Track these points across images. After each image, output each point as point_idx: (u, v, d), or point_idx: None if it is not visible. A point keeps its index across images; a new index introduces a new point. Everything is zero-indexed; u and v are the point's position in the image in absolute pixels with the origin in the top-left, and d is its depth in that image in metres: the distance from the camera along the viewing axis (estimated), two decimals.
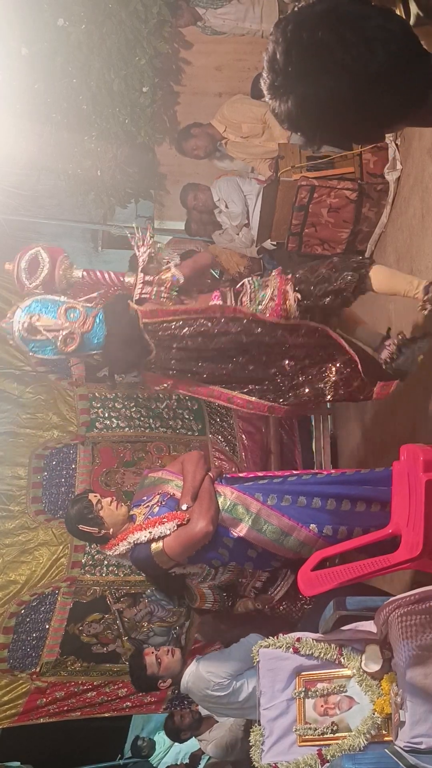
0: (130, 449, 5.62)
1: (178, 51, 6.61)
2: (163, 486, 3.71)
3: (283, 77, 1.29)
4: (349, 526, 3.40)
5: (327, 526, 3.41)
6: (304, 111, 1.29)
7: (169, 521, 3.47)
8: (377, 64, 1.24)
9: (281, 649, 2.95)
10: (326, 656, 2.82)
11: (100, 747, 7.81)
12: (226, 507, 3.52)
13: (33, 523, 5.27)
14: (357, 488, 3.51)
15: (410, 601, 2.52)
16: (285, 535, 3.43)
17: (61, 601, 5.30)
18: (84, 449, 5.52)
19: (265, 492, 3.54)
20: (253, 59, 6.57)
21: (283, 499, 3.50)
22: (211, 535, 3.45)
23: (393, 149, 4.83)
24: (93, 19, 5.97)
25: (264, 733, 2.89)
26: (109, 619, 5.38)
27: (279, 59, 1.28)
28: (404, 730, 2.46)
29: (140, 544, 3.50)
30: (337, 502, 3.46)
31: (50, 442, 5.48)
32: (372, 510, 3.42)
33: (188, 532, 3.43)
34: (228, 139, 6.16)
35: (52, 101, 6.31)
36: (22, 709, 5.33)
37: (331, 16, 1.26)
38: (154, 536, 3.46)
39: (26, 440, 5.42)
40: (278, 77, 1.29)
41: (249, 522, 3.46)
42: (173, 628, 5.41)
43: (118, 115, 6.45)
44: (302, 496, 3.49)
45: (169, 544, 3.45)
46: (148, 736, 7.74)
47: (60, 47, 6.03)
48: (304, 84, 1.27)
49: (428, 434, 4.00)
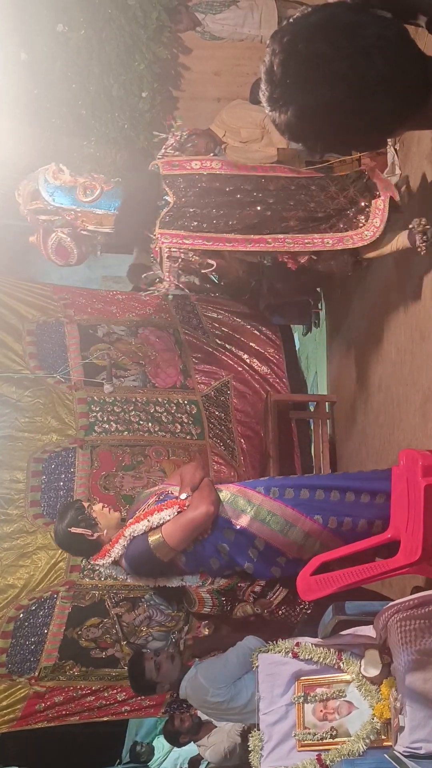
0: (129, 453, 5.61)
1: (177, 56, 6.63)
2: (161, 489, 3.65)
3: (281, 89, 1.29)
4: (354, 517, 3.33)
5: (331, 518, 3.34)
6: (304, 121, 1.30)
7: (168, 508, 3.39)
8: (375, 71, 1.25)
9: (280, 654, 2.95)
10: (325, 661, 2.83)
11: (97, 752, 7.79)
12: (227, 499, 3.44)
13: (31, 527, 5.26)
14: (360, 481, 3.48)
15: (409, 605, 2.52)
16: (290, 525, 3.34)
17: (59, 605, 5.28)
18: (83, 453, 5.51)
19: (266, 486, 3.48)
20: (251, 64, 6.59)
21: (286, 492, 3.42)
22: (212, 517, 3.35)
23: (392, 154, 4.84)
24: (92, 24, 5.99)
25: (263, 738, 2.89)
26: (108, 624, 5.35)
27: (276, 71, 1.29)
28: (403, 735, 2.46)
29: (137, 537, 3.38)
30: (341, 493, 3.39)
31: (49, 446, 5.47)
32: (377, 501, 3.34)
33: (189, 515, 3.33)
34: (227, 144, 6.17)
35: (52, 106, 6.33)
36: (21, 714, 5.31)
37: (327, 26, 1.27)
38: (152, 524, 3.35)
39: (25, 444, 5.41)
40: (276, 89, 1.30)
41: (251, 512, 3.38)
42: (172, 633, 5.40)
43: (117, 120, 6.47)
44: (305, 489, 3.42)
45: (168, 531, 3.33)
46: (147, 742, 7.72)
47: (59, 52, 6.05)
48: (303, 95, 1.28)
49: (427, 439, 4.01)
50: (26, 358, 5.68)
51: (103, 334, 6.03)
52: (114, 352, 5.83)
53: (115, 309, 6.29)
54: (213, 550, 3.45)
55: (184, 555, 3.46)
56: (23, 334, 5.79)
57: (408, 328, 4.38)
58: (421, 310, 4.16)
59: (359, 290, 5.51)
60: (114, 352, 5.83)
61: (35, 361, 5.70)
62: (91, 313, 6.15)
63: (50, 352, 5.80)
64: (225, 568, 3.55)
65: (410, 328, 4.34)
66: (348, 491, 3.40)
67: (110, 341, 5.99)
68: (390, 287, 4.75)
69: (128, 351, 5.89)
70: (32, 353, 5.73)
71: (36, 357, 5.72)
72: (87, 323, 6.05)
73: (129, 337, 6.09)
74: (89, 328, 6.02)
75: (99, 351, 5.84)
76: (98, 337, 6.00)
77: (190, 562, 3.51)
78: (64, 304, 6.12)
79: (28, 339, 5.77)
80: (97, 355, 5.74)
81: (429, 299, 4.06)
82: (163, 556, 3.38)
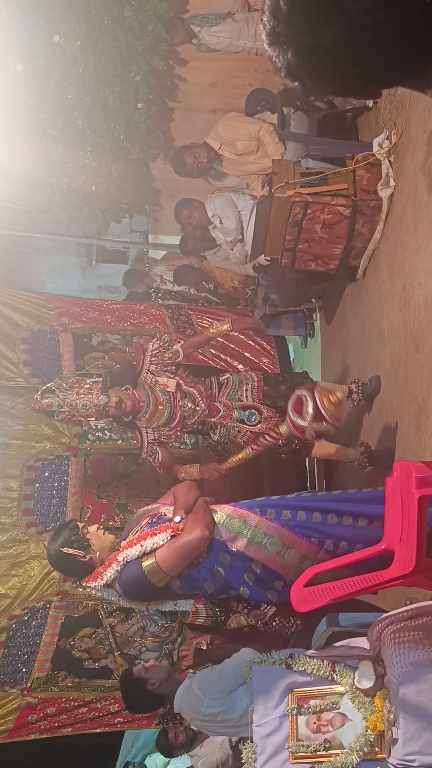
0: (122, 461, 5.59)
1: (172, 68, 6.65)
2: (154, 510, 3.62)
3: (285, 24, 1.22)
4: (351, 542, 3.30)
5: (328, 541, 3.31)
6: (305, 61, 1.23)
7: (162, 532, 3.34)
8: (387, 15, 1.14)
9: (274, 666, 2.94)
10: (319, 673, 2.82)
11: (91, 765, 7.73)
12: (222, 521, 3.41)
13: (24, 536, 5.23)
14: (358, 505, 3.44)
15: (403, 617, 2.52)
16: (286, 547, 3.31)
17: (52, 615, 5.24)
18: (76, 461, 5.49)
19: (262, 507, 3.44)
20: (247, 76, 6.63)
21: (282, 514, 3.39)
22: (207, 541, 3.31)
23: (386, 166, 4.87)
24: (88, 35, 6.01)
25: (256, 750, 2.88)
26: (101, 634, 5.32)
27: (282, 6, 1.21)
28: (397, 747, 2.46)
29: (131, 563, 3.33)
30: (339, 517, 3.36)
31: (42, 454, 5.45)
32: (374, 525, 3.32)
33: (183, 540, 3.29)
34: (223, 157, 6.20)
35: (48, 117, 6.34)
36: (13, 725, 5.27)
37: None
38: (146, 549, 3.31)
39: (18, 452, 5.39)
40: (279, 24, 1.22)
41: (248, 535, 3.35)
42: (165, 644, 5.38)
43: (112, 130, 6.49)
44: (302, 511, 3.39)
45: (162, 556, 3.29)
46: (139, 761, 7.63)
47: (55, 63, 6.07)
48: (307, 34, 1.21)
49: (422, 450, 4.01)
50: (20, 366, 5.68)
51: (97, 343, 6.03)
52: (109, 361, 5.83)
53: (110, 318, 6.30)
54: (208, 574, 3.42)
55: (179, 579, 3.43)
56: (17, 342, 5.79)
57: (402, 340, 4.39)
58: (415, 322, 4.18)
59: (354, 301, 5.53)
60: (109, 361, 5.83)
61: (29, 368, 5.70)
62: (85, 322, 6.16)
63: (44, 360, 5.80)
64: (220, 591, 3.51)
65: (404, 339, 4.35)
66: (346, 515, 3.38)
67: (105, 350, 5.99)
68: (384, 298, 4.77)
69: (123, 360, 5.88)
70: (26, 361, 5.72)
71: (30, 365, 5.72)
72: (81, 332, 6.05)
73: (124, 346, 6.10)
74: (84, 337, 6.03)
75: (94, 360, 5.84)
76: (93, 346, 6.00)
77: (184, 586, 3.48)
78: (58, 312, 6.12)
79: (22, 347, 5.77)
80: (93, 365, 5.74)
81: (423, 311, 4.07)
82: (157, 582, 3.34)
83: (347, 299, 5.70)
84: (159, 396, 4.36)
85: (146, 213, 7.94)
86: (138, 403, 4.36)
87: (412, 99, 4.48)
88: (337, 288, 5.86)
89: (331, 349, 6.26)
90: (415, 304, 4.20)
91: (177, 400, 4.36)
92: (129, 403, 4.32)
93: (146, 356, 4.54)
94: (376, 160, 4.94)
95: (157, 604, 3.60)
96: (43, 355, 5.83)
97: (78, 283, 10.85)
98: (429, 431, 3.92)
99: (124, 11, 6.00)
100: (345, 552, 3.28)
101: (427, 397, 3.96)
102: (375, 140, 5.02)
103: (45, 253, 10.17)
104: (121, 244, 9.89)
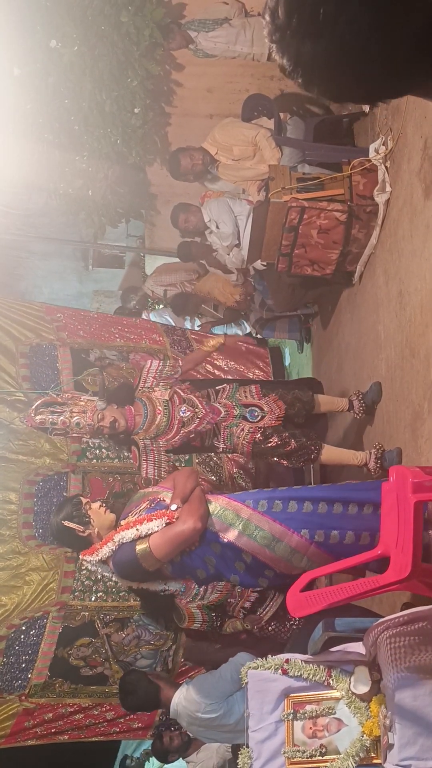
0: (119, 480, 5.60)
1: (169, 73, 6.65)
2: (154, 494, 3.73)
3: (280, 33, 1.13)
4: (341, 530, 3.41)
5: (318, 531, 3.41)
6: (307, 68, 1.16)
7: (158, 518, 3.46)
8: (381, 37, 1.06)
9: (270, 671, 2.94)
10: (315, 678, 2.81)
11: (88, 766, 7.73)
12: (216, 512, 3.52)
13: (24, 548, 5.24)
14: (348, 491, 3.54)
15: (399, 622, 2.52)
16: (276, 540, 3.43)
17: (50, 625, 5.28)
18: (75, 478, 5.50)
19: (255, 499, 3.56)
20: (244, 81, 6.64)
21: (274, 505, 3.50)
22: (199, 532, 3.43)
23: (382, 171, 4.88)
24: (85, 40, 6.01)
25: (252, 755, 2.87)
26: (98, 643, 5.36)
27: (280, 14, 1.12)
28: (393, 752, 2.45)
29: (125, 544, 3.45)
30: (329, 505, 3.46)
31: (42, 469, 5.45)
32: (364, 512, 3.43)
33: (176, 529, 3.40)
34: (220, 162, 6.21)
35: (44, 121, 6.35)
36: (10, 731, 5.29)
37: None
38: (141, 533, 3.43)
39: (18, 466, 5.38)
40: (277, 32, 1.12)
41: (239, 527, 3.47)
42: (160, 651, 5.41)
43: (109, 135, 6.49)
44: (293, 501, 3.50)
45: (155, 542, 3.41)
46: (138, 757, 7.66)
47: (52, 68, 6.07)
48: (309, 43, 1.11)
49: (417, 455, 4.02)
50: (19, 381, 5.66)
51: (95, 359, 6.03)
52: (106, 377, 5.82)
53: (107, 333, 6.29)
54: (200, 561, 3.54)
55: (171, 564, 3.56)
56: (17, 357, 5.76)
57: (398, 345, 4.40)
58: (411, 327, 4.18)
59: (349, 306, 5.54)
60: (106, 377, 5.82)
61: (28, 383, 5.69)
62: (84, 337, 6.12)
63: (43, 375, 5.79)
64: (211, 578, 3.63)
65: (400, 344, 4.35)
66: (336, 502, 3.48)
67: (102, 365, 5.99)
68: (380, 304, 4.77)
69: (119, 376, 5.88)
70: (25, 376, 5.71)
71: (29, 380, 5.70)
72: (80, 347, 6.03)
73: (120, 362, 6.10)
74: (81, 352, 6.01)
75: (92, 377, 5.83)
76: (90, 362, 6.00)
77: (176, 571, 3.61)
78: (56, 326, 6.08)
79: (21, 362, 5.75)
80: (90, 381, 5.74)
81: (419, 316, 4.08)
82: (148, 567, 3.47)
83: (343, 304, 5.71)
84: (157, 405, 4.36)
85: (143, 218, 7.94)
86: (133, 419, 4.34)
87: (408, 105, 4.49)
88: (333, 293, 5.86)
89: (327, 354, 6.26)
90: (410, 309, 4.21)
91: (176, 405, 4.36)
92: (123, 423, 4.29)
93: (144, 373, 4.53)
94: (373, 165, 4.95)
95: (149, 584, 3.69)
96: (42, 370, 5.81)
97: (74, 288, 10.86)
98: (425, 436, 3.93)
99: (121, 16, 6.00)
100: (336, 542, 3.39)
101: (423, 402, 3.97)
102: (371, 146, 5.03)
103: (41, 257, 10.18)
104: (118, 249, 9.90)
